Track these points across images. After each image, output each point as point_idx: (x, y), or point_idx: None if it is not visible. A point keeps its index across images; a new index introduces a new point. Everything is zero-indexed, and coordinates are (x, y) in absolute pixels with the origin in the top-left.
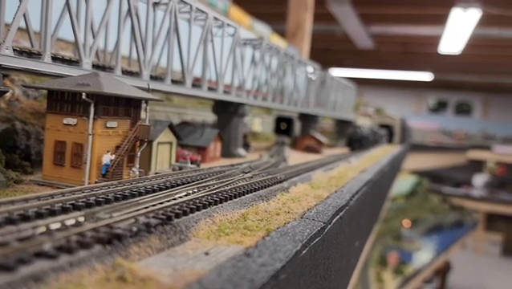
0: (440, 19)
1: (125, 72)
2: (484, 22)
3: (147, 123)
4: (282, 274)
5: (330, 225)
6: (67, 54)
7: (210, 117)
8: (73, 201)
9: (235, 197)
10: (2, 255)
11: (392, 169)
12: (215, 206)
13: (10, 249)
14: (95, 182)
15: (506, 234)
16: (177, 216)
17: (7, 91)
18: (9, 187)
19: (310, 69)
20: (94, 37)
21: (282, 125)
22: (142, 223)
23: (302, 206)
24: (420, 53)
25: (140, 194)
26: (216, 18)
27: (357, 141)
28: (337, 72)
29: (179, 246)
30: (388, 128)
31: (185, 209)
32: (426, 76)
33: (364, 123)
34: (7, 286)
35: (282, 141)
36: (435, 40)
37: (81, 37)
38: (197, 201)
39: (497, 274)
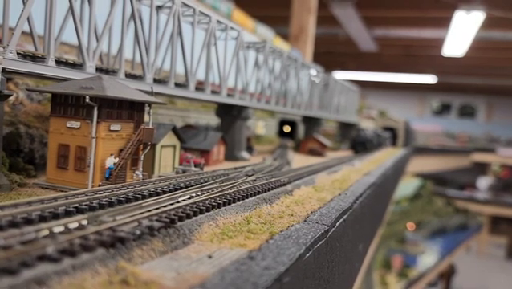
0: (444, 22)
1: (128, 76)
2: (487, 24)
3: (150, 126)
4: (286, 278)
5: (333, 229)
6: (71, 57)
7: (214, 120)
8: (76, 205)
9: (238, 200)
10: (5, 258)
11: (395, 172)
12: (218, 209)
13: (13, 252)
14: (99, 185)
15: (511, 237)
16: (181, 219)
17: (11, 95)
18: (12, 190)
19: (313, 72)
20: (97, 40)
21: (286, 128)
22: (145, 226)
23: (306, 209)
24: (424, 56)
25: (144, 197)
26: (219, 22)
27: (361, 144)
28: (340, 75)
29: (182, 249)
30: (392, 130)
31: (189, 212)
32: (429, 79)
33: (368, 125)
34: None
35: (285, 144)
36: (438, 43)
37: (85, 40)
38: (201, 204)
39: (501, 278)
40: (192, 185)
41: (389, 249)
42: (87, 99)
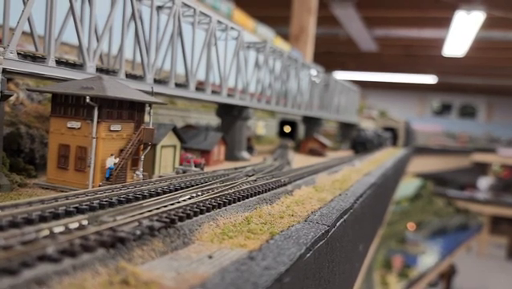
0: (444, 22)
1: (129, 76)
2: (488, 24)
3: (150, 126)
4: (286, 278)
5: (334, 229)
6: (71, 57)
7: (214, 120)
8: (77, 205)
9: (239, 201)
10: (5, 258)
11: (396, 172)
12: (219, 209)
13: (13, 252)
14: (99, 185)
15: (511, 237)
16: (181, 219)
17: (12, 95)
18: (13, 190)
19: (313, 72)
20: (98, 41)
21: (286, 128)
22: (145, 226)
23: (306, 209)
24: (424, 56)
25: (144, 197)
26: (219, 22)
27: (361, 144)
28: (341, 75)
29: (182, 249)
30: (392, 130)
31: (189, 212)
32: (430, 79)
33: (368, 126)
34: None
35: (285, 144)
36: (438, 43)
37: (85, 41)
38: (201, 204)
39: (501, 278)
40: (192, 185)
41: (390, 249)
42: (88, 100)
